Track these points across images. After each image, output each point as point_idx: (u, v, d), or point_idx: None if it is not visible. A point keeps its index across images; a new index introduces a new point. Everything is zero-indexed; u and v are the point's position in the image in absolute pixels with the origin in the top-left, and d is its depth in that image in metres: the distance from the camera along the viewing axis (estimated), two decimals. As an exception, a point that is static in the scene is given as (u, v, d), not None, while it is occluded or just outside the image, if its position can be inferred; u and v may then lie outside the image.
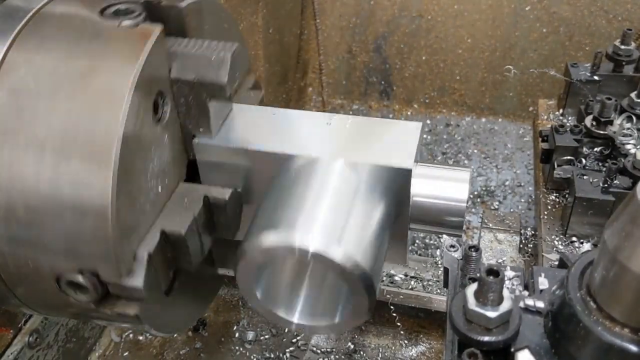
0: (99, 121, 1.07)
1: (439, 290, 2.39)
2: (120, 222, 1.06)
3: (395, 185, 1.23)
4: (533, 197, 2.99)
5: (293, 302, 1.30)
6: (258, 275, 1.21)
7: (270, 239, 1.13)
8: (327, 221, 1.14)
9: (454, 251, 1.36)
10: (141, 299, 1.13)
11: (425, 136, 3.64)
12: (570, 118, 2.38)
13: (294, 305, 1.30)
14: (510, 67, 3.36)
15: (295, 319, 1.29)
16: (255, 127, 1.33)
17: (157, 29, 1.15)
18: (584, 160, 2.00)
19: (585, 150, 2.03)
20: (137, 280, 1.11)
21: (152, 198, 1.18)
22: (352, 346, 2.32)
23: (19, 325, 1.90)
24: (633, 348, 0.92)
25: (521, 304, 1.09)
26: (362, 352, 2.30)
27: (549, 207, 2.09)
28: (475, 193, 3.24)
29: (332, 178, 1.21)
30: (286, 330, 2.38)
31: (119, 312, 1.14)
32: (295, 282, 1.32)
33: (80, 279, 1.09)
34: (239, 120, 1.33)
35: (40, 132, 1.08)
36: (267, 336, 2.37)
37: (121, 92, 1.07)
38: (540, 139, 2.19)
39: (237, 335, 2.38)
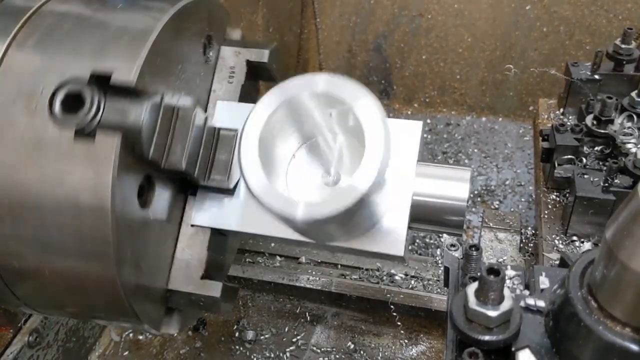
0: (117, 54, 1.11)
1: (439, 290, 2.39)
2: None
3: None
4: (533, 196, 2.99)
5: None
6: None
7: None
8: None
9: (455, 250, 1.35)
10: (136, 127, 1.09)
11: (425, 135, 3.63)
12: (570, 117, 2.37)
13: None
14: (510, 66, 3.36)
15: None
16: None
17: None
18: (584, 160, 2.00)
19: (585, 149, 2.03)
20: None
21: None
22: (352, 345, 2.32)
23: (19, 324, 1.90)
24: (634, 347, 0.92)
25: (522, 303, 1.09)
26: (362, 352, 2.30)
27: (550, 207, 2.09)
28: (476, 192, 3.23)
29: None
30: (286, 329, 2.38)
31: (96, 150, 1.08)
32: None
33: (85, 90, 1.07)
34: None
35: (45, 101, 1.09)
36: (267, 335, 2.37)
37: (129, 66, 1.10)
38: (540, 138, 2.18)
39: (237, 334, 2.38)
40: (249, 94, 1.48)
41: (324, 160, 1.21)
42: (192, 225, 1.36)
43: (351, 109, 1.06)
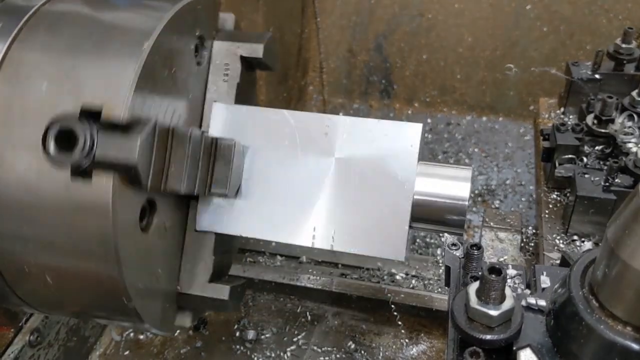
0: (107, 87, 1.09)
1: (440, 289, 2.39)
2: None
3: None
4: (534, 195, 2.99)
5: None
6: None
7: None
8: None
9: (456, 250, 1.35)
10: (131, 161, 1.07)
11: (426, 135, 3.63)
12: (571, 117, 2.37)
13: None
14: (511, 65, 3.36)
15: None
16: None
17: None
18: (585, 159, 1.99)
19: (586, 148, 2.02)
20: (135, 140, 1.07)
21: None
22: (352, 345, 2.32)
23: (20, 324, 1.90)
24: (635, 346, 0.92)
25: (523, 303, 1.09)
26: (362, 351, 2.30)
27: (550, 206, 2.09)
28: (476, 192, 3.23)
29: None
30: (287, 329, 2.38)
31: (94, 190, 1.09)
32: None
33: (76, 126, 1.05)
34: None
35: (41, 126, 1.08)
36: (268, 335, 2.37)
37: (126, 83, 1.09)
38: (541, 138, 2.18)
39: (237, 334, 2.38)
40: (246, 91, 1.47)
41: None
42: (197, 231, 1.37)
43: None
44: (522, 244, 2.25)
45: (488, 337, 1.02)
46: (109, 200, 1.06)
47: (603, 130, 2.01)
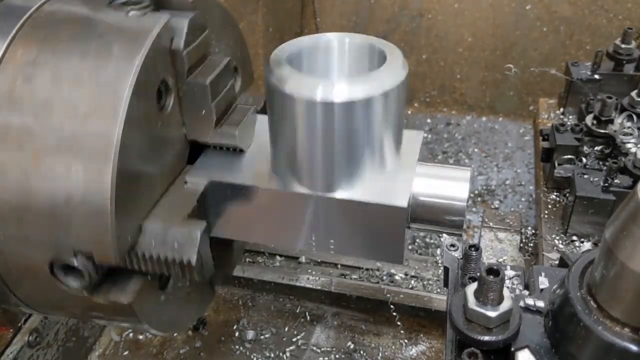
0: (99, 114, 1.07)
1: (439, 290, 2.39)
2: (119, 210, 1.07)
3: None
4: (533, 196, 2.99)
5: None
6: None
7: None
8: None
9: (454, 250, 1.35)
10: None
11: (425, 135, 3.62)
12: (570, 117, 2.37)
13: None
14: (510, 66, 3.36)
15: None
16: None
17: (163, 19, 1.16)
18: (584, 159, 2.00)
19: (585, 149, 2.03)
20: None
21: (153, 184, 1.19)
22: (352, 345, 2.32)
23: (19, 324, 1.90)
24: (633, 347, 0.92)
25: (521, 304, 1.09)
26: (362, 352, 2.30)
27: (550, 206, 2.09)
28: (476, 192, 3.23)
29: None
30: (286, 329, 2.38)
31: (112, 300, 1.15)
32: None
33: (74, 262, 1.09)
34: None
35: (38, 125, 1.08)
36: (267, 335, 2.37)
37: (123, 84, 1.08)
38: (540, 138, 2.19)
39: (237, 334, 2.38)
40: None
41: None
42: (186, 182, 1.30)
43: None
44: (522, 244, 2.25)
45: (486, 338, 1.02)
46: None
47: (602, 131, 2.01)
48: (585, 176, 1.92)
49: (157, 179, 1.21)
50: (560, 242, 1.94)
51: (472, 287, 1.04)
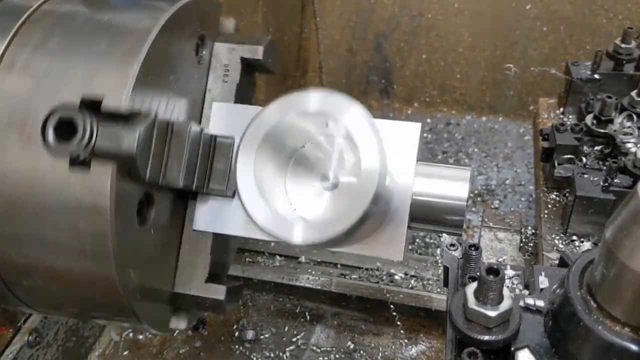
0: (107, 79, 1.09)
1: (439, 289, 2.39)
2: None
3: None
4: (533, 195, 2.99)
5: None
6: None
7: None
8: None
9: (454, 250, 1.35)
10: (130, 152, 1.07)
11: (425, 135, 3.63)
12: (570, 117, 2.37)
13: None
14: (510, 65, 3.35)
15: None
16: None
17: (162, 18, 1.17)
18: (584, 159, 1.99)
19: (585, 149, 2.02)
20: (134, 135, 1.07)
21: None
22: (352, 345, 2.32)
23: (19, 324, 1.90)
24: (633, 347, 0.92)
25: (521, 303, 1.09)
26: (362, 351, 2.30)
27: (550, 206, 2.09)
28: (476, 192, 3.23)
29: None
30: (286, 329, 2.38)
31: (90, 184, 1.09)
32: None
33: (77, 116, 1.02)
34: None
35: (39, 125, 1.08)
36: (267, 335, 2.37)
37: (123, 85, 1.08)
38: (540, 138, 2.18)
39: (236, 334, 2.38)
40: (245, 92, 1.47)
41: (319, 166, 1.21)
42: (194, 230, 1.37)
43: (340, 120, 1.07)
44: (521, 244, 2.25)
45: (486, 337, 1.01)
46: (107, 191, 1.07)
47: (602, 131, 2.01)
48: (585, 176, 1.92)
49: None
50: (560, 241, 1.94)
51: (472, 287, 1.04)
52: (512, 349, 1.03)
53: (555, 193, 2.14)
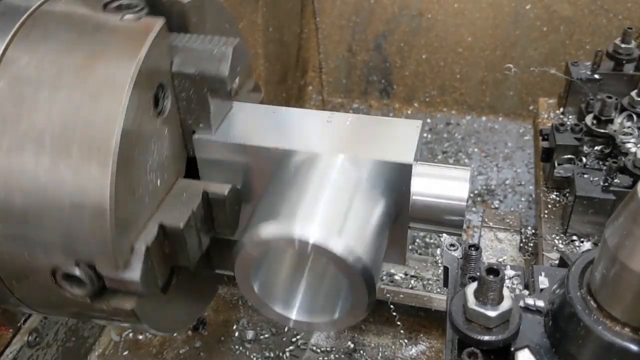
0: (98, 114, 1.07)
1: (439, 290, 2.39)
2: (119, 214, 1.06)
3: (395, 181, 1.22)
4: (533, 195, 2.99)
5: (291, 298, 1.30)
6: (256, 269, 1.21)
7: (269, 229, 1.12)
8: (328, 213, 1.14)
9: (454, 250, 1.35)
10: (138, 292, 1.13)
11: (425, 135, 3.63)
12: (570, 117, 2.37)
13: (292, 301, 1.29)
14: (510, 65, 3.36)
15: (294, 315, 1.28)
16: (255, 124, 1.32)
17: (159, 22, 1.15)
18: (584, 159, 2.00)
19: (585, 148, 2.03)
20: (134, 273, 1.11)
21: (151, 191, 1.18)
22: (352, 345, 2.32)
23: (19, 324, 1.90)
24: (633, 347, 0.92)
25: (521, 303, 1.09)
26: (362, 351, 2.30)
27: (550, 206, 2.09)
28: (476, 192, 3.23)
29: (332, 172, 1.20)
30: (286, 329, 2.37)
31: (115, 307, 1.15)
32: (293, 277, 1.32)
33: (76, 271, 1.09)
34: (239, 118, 1.32)
35: (39, 125, 1.08)
36: (266, 335, 2.37)
37: (121, 85, 1.07)
38: (540, 138, 2.18)
39: (236, 334, 2.38)
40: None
41: None
42: None
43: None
44: (521, 244, 2.25)
45: (486, 338, 1.01)
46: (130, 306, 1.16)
47: (602, 131, 2.01)
48: (585, 176, 1.92)
49: (156, 187, 1.20)
50: (560, 241, 1.94)
51: (472, 287, 1.04)
52: (512, 349, 1.03)
53: (555, 193, 2.14)
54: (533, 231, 2.47)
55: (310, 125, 1.33)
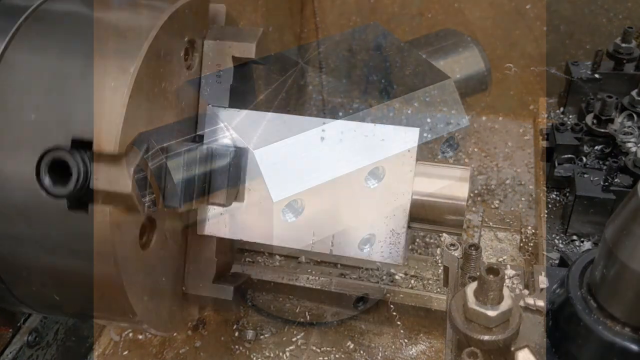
0: (97, 116, 1.07)
1: (439, 289, 2.38)
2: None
3: None
4: (534, 195, 2.98)
5: None
6: None
7: None
8: None
9: (454, 250, 1.35)
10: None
11: (425, 135, 3.63)
12: (571, 116, 2.37)
13: None
14: (510, 65, 3.35)
15: None
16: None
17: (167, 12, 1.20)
18: (584, 159, 2.00)
19: (586, 148, 2.03)
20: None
21: None
22: (351, 345, 2.32)
23: (18, 324, 1.90)
24: (634, 347, 0.92)
25: (521, 303, 1.09)
26: (361, 351, 2.29)
27: (550, 206, 2.09)
28: (476, 192, 3.22)
29: None
30: (286, 329, 2.37)
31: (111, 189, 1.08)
32: None
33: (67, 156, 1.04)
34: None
35: (31, 136, 1.08)
36: (266, 335, 2.36)
37: (123, 89, 1.08)
38: (541, 137, 2.18)
39: (236, 334, 2.38)
40: (242, 89, 1.43)
41: None
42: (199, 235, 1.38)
43: None
44: (522, 244, 2.25)
45: (486, 337, 1.01)
46: (107, 229, 1.07)
47: (602, 130, 2.01)
48: (586, 175, 1.92)
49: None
50: (560, 241, 1.94)
51: (472, 287, 1.04)
52: (512, 349, 1.03)
53: (555, 193, 2.14)
54: (533, 231, 2.47)
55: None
